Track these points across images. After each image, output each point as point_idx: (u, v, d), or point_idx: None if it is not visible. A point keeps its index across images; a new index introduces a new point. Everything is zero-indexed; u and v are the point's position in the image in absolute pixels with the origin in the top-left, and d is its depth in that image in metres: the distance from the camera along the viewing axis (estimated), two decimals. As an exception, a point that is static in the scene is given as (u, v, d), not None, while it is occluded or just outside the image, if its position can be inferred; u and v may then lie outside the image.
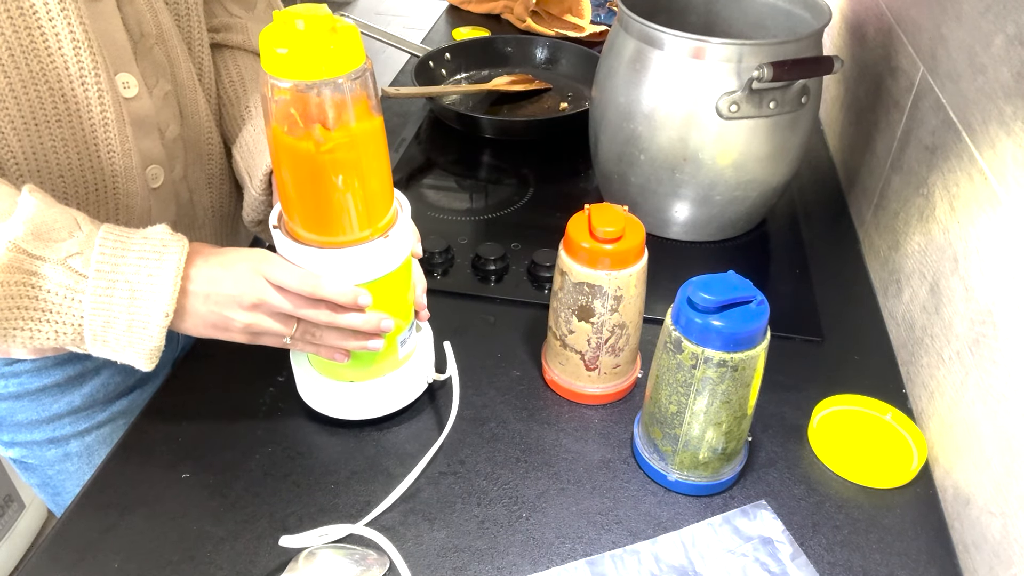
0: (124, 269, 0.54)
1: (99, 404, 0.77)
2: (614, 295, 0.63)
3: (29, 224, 0.52)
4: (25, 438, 0.76)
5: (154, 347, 0.55)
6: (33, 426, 0.75)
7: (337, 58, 0.50)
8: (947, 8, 0.74)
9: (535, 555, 0.57)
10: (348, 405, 0.65)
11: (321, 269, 0.57)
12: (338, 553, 0.56)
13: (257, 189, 0.70)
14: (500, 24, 1.52)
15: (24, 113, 0.57)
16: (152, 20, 0.64)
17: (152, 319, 0.54)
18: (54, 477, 0.80)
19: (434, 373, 0.68)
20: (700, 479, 0.61)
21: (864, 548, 0.58)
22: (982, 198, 0.62)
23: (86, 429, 0.77)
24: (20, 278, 0.52)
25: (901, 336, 0.76)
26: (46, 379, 0.72)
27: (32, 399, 0.73)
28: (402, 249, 0.60)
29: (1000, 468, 0.55)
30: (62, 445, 0.77)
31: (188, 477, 0.62)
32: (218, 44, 0.77)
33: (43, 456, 0.78)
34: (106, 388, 0.76)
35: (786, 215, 0.95)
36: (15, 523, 1.45)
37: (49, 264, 0.52)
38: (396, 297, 0.62)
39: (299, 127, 0.51)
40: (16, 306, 0.52)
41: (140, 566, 0.56)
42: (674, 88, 0.78)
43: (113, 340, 0.55)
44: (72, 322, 0.54)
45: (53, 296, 0.53)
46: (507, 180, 1.02)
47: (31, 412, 0.74)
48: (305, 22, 0.49)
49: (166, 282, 0.54)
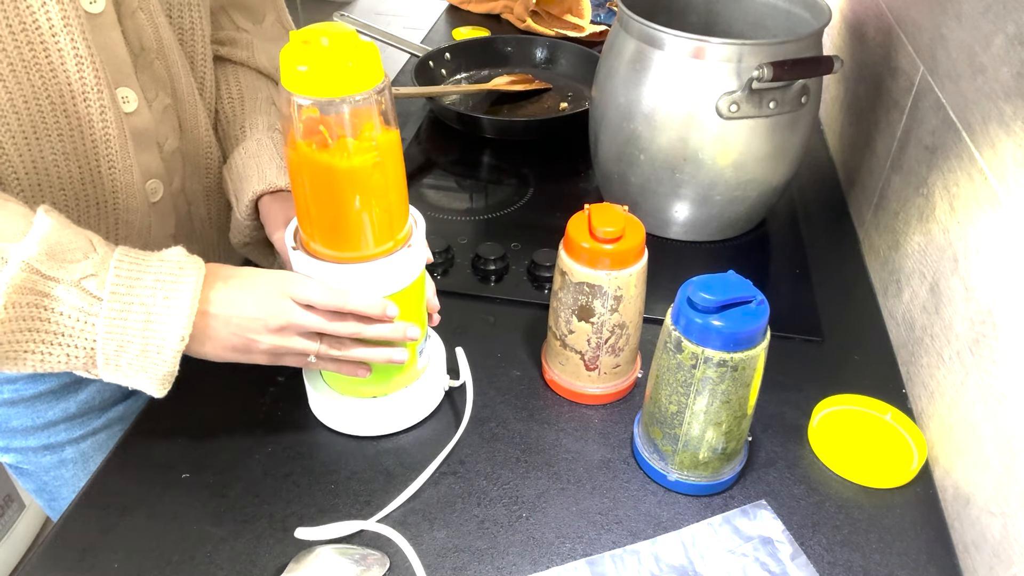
0: (140, 292, 0.52)
1: (95, 411, 0.76)
2: (614, 295, 0.63)
3: (43, 244, 0.51)
4: (20, 444, 0.76)
5: (167, 372, 0.54)
6: (28, 432, 0.75)
7: (361, 74, 0.50)
8: (947, 8, 0.74)
9: (535, 555, 0.57)
10: (371, 422, 0.65)
11: (348, 284, 0.57)
12: (338, 553, 0.56)
13: (243, 214, 0.69)
14: (500, 24, 1.52)
15: (25, 127, 0.57)
16: (153, 34, 0.64)
17: (167, 343, 0.53)
18: (49, 483, 0.80)
19: (449, 380, 0.69)
20: (700, 479, 0.61)
21: (864, 548, 0.58)
22: (982, 198, 0.62)
23: (81, 436, 0.76)
24: (33, 299, 0.51)
25: (901, 336, 0.76)
26: (41, 386, 0.72)
27: (27, 405, 0.73)
28: (422, 257, 0.60)
29: (1000, 468, 0.55)
30: (57, 452, 0.77)
31: (188, 477, 0.62)
32: (221, 57, 0.76)
33: (38, 462, 0.77)
34: (102, 395, 0.76)
35: (786, 215, 0.95)
36: (15, 523, 1.45)
37: (63, 286, 0.51)
38: (417, 306, 0.62)
39: (322, 142, 0.52)
40: (28, 328, 0.51)
41: (140, 566, 0.56)
42: (674, 88, 0.78)
43: (126, 365, 0.54)
44: (84, 346, 0.53)
45: (65, 319, 0.52)
46: (507, 180, 1.02)
47: (26, 419, 0.74)
48: (329, 39, 0.49)
49: (183, 305, 0.53)
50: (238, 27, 0.77)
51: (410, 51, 1.26)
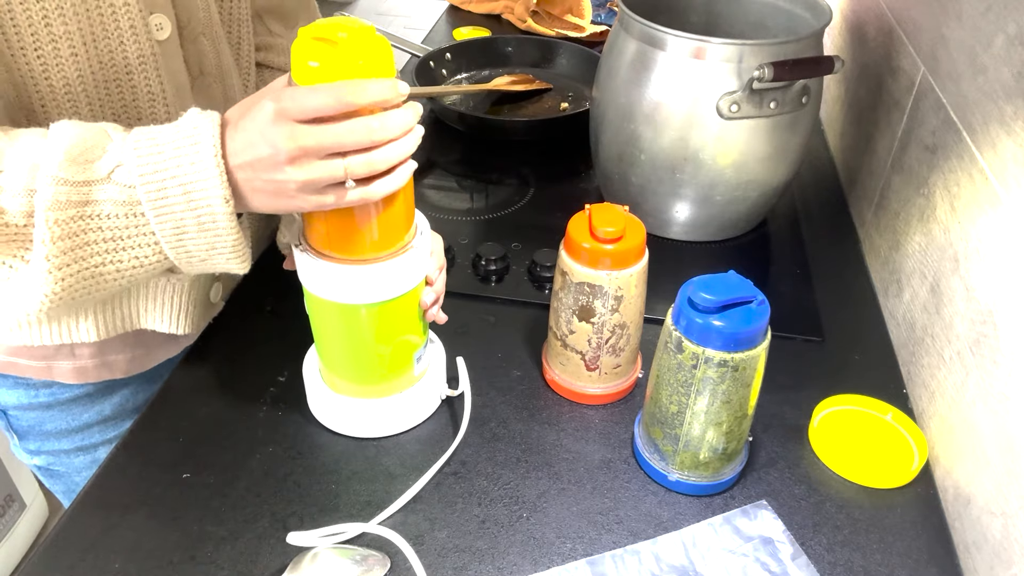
0: (166, 164, 0.49)
1: (128, 413, 0.78)
2: (615, 295, 0.63)
3: (64, 152, 0.48)
4: (53, 447, 0.77)
5: (234, 240, 0.51)
6: (62, 435, 0.76)
7: (372, 72, 0.49)
8: (948, 8, 0.74)
9: (536, 555, 0.57)
10: (365, 423, 0.65)
11: (354, 285, 0.57)
12: (339, 554, 0.56)
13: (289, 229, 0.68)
14: (501, 24, 1.51)
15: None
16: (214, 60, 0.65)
17: (215, 208, 0.49)
18: (81, 483, 0.80)
19: (447, 389, 0.68)
20: (701, 479, 0.61)
21: (865, 548, 0.58)
22: (983, 198, 0.62)
23: (115, 436, 0.77)
24: (75, 212, 0.48)
25: (902, 336, 0.76)
26: (77, 390, 0.73)
27: (63, 409, 0.74)
28: (425, 257, 0.60)
29: (1001, 468, 0.55)
30: (91, 452, 0.78)
31: (188, 477, 0.62)
32: (259, 63, 0.77)
33: (71, 463, 0.79)
34: (135, 397, 0.77)
35: (787, 215, 0.95)
36: (15, 523, 1.45)
37: (96, 186, 0.48)
38: (416, 313, 0.62)
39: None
40: (85, 242, 0.49)
41: (140, 566, 0.56)
42: (675, 88, 0.78)
43: (193, 247, 0.51)
44: (146, 242, 0.50)
45: (114, 220, 0.49)
46: (508, 180, 1.02)
47: (60, 422, 0.75)
48: (346, 34, 0.48)
49: (208, 164, 0.48)
50: (272, 32, 0.78)
51: (411, 51, 1.26)
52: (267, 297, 0.80)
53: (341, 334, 0.61)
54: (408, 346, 0.63)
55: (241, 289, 0.81)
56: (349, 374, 0.63)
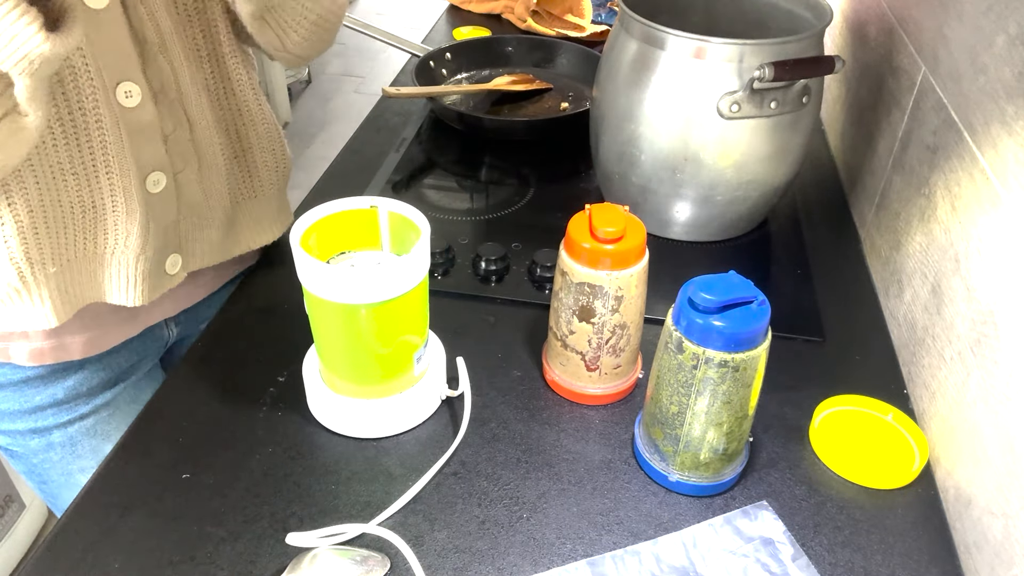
0: None
1: (81, 397, 0.77)
2: (615, 295, 0.63)
3: None
4: (8, 427, 0.77)
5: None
6: (16, 416, 0.76)
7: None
8: (948, 8, 0.73)
9: (536, 556, 0.57)
10: (365, 423, 0.65)
11: (354, 285, 0.57)
12: (339, 555, 0.56)
13: None
14: (501, 24, 1.51)
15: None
16: (153, 27, 0.64)
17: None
18: (38, 466, 0.81)
19: (447, 389, 0.68)
20: (701, 480, 0.61)
21: (865, 549, 0.58)
22: (984, 198, 0.62)
23: (68, 421, 0.78)
24: None
25: (902, 336, 0.76)
26: (29, 372, 0.73)
27: (15, 389, 0.74)
28: (426, 258, 0.60)
29: (1002, 469, 0.55)
30: (45, 435, 0.78)
31: (188, 477, 0.62)
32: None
33: (27, 445, 0.79)
34: (89, 382, 0.77)
35: (787, 215, 0.95)
36: (15, 523, 1.45)
37: None
38: (416, 313, 0.62)
39: None
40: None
41: (140, 566, 0.56)
42: (675, 88, 0.78)
43: None
44: None
45: None
46: (508, 180, 1.02)
47: (13, 402, 0.75)
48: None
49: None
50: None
51: (411, 51, 1.26)
52: (267, 297, 0.80)
53: (341, 334, 0.61)
54: (408, 346, 0.63)
55: (241, 289, 0.81)
56: (349, 374, 0.63)
